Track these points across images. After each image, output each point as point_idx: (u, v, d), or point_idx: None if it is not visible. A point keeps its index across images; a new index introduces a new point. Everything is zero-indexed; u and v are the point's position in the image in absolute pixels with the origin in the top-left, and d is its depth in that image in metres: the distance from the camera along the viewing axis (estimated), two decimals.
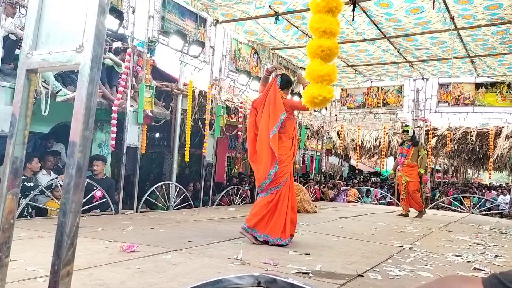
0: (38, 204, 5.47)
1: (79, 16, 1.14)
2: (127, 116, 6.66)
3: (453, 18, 7.44)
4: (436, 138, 13.66)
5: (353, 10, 6.50)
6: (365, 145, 15.19)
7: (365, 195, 13.54)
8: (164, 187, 7.73)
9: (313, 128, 12.66)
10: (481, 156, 14.75)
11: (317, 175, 14.00)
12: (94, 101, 1.11)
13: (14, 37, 5.41)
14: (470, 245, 4.93)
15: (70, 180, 1.08)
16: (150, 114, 7.03)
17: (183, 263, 3.10)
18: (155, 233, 4.48)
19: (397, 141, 13.80)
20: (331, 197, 12.57)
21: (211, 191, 8.79)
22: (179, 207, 7.64)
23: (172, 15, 7.53)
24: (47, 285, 1.07)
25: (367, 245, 4.45)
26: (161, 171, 10.59)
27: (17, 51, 5.53)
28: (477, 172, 24.56)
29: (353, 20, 7.04)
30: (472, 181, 23.93)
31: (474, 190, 17.34)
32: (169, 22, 7.43)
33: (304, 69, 11.32)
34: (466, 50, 9.26)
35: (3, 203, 1.23)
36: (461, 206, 11.71)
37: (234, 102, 9.46)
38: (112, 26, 6.05)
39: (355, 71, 11.63)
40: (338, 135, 14.13)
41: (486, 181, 24.10)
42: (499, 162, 13.79)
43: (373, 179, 18.48)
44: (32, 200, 5.37)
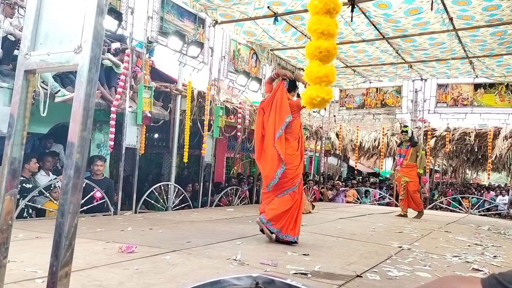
0: (36, 205, 5.46)
1: (78, 17, 1.14)
2: (126, 116, 6.66)
3: (451, 19, 7.46)
4: (434, 138, 13.67)
5: (352, 11, 6.51)
6: (364, 145, 15.20)
7: (364, 195, 13.54)
8: (163, 187, 7.72)
9: (312, 128, 12.66)
10: (480, 157, 14.78)
11: (316, 176, 14.00)
12: (92, 102, 1.11)
13: (12, 38, 5.41)
14: (469, 245, 4.94)
15: (68, 181, 1.08)
16: (149, 114, 7.04)
17: (182, 264, 3.09)
18: (153, 234, 4.47)
19: (396, 142, 13.80)
20: (330, 197, 12.57)
21: (210, 191, 8.79)
22: (178, 207, 7.63)
23: (171, 15, 7.53)
24: (45, 286, 1.07)
25: (365, 245, 4.45)
26: (160, 171, 10.57)
27: (16, 51, 5.53)
28: (475, 173, 24.63)
29: (351, 21, 7.05)
30: (471, 182, 23.95)
31: (472, 190, 17.35)
32: (168, 22, 7.43)
33: (303, 69, 11.33)
34: (465, 50, 9.28)
35: (1, 204, 1.23)
36: (460, 207, 11.72)
37: (233, 103, 9.46)
38: (110, 27, 6.04)
39: (354, 71, 11.65)
40: (337, 135, 14.14)
41: (485, 181, 24.13)
42: (497, 162, 13.81)
43: (372, 179, 18.47)
44: (32, 201, 5.36)
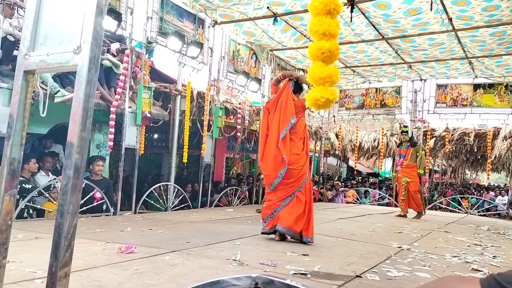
0: (36, 205, 5.46)
1: (77, 17, 1.14)
2: (125, 117, 6.65)
3: (451, 19, 7.46)
4: (434, 139, 13.68)
5: (351, 11, 6.50)
6: (363, 146, 15.20)
7: (363, 196, 13.55)
8: (163, 188, 7.72)
9: (311, 129, 12.66)
10: (479, 157, 14.77)
11: (316, 176, 14.00)
12: (91, 102, 1.11)
13: (12, 38, 5.41)
14: (468, 245, 4.94)
15: (67, 181, 1.08)
16: (149, 115, 7.04)
17: (181, 264, 3.09)
18: (153, 234, 4.47)
19: (396, 142, 13.81)
20: (329, 198, 12.57)
21: (209, 192, 8.79)
22: (177, 208, 7.63)
23: (171, 16, 7.53)
24: (44, 286, 1.07)
25: (365, 246, 4.45)
26: (159, 172, 10.57)
27: (15, 52, 5.53)
28: (475, 173, 24.62)
29: (351, 21, 7.05)
30: (470, 182, 23.95)
31: (472, 191, 17.33)
32: (167, 23, 7.43)
33: (302, 70, 11.33)
34: (464, 51, 9.28)
35: (0, 204, 1.23)
36: (459, 207, 11.73)
37: (232, 103, 9.46)
38: (110, 27, 6.04)
39: (353, 72, 11.65)
40: (337, 136, 14.15)
41: (484, 182, 24.13)
42: (497, 163, 13.81)
43: (371, 180, 18.48)
44: (32, 201, 5.36)
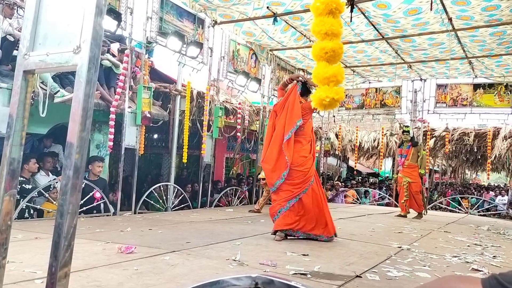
0: (36, 205, 5.46)
1: (77, 17, 1.14)
2: (125, 117, 6.65)
3: (451, 19, 7.46)
4: (434, 139, 13.68)
5: (351, 11, 6.50)
6: (363, 146, 15.20)
7: (363, 196, 13.54)
8: (162, 188, 7.72)
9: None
10: (479, 157, 14.77)
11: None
12: (91, 102, 1.11)
13: (11, 38, 5.41)
14: (468, 245, 4.94)
15: (67, 182, 1.08)
16: (148, 115, 7.03)
17: (181, 264, 3.09)
18: (153, 234, 4.47)
19: (396, 142, 13.81)
20: (329, 198, 12.56)
21: (209, 192, 8.79)
22: (177, 208, 7.63)
23: (170, 16, 7.53)
24: (44, 286, 1.07)
25: (365, 246, 4.45)
26: (159, 172, 10.57)
27: (15, 52, 5.52)
28: (475, 173, 24.62)
29: (351, 21, 7.04)
30: (470, 182, 23.95)
31: (472, 191, 17.34)
32: (167, 23, 7.43)
33: (302, 69, 11.34)
34: (464, 51, 9.28)
35: (0, 204, 1.23)
36: (459, 207, 11.73)
37: (232, 103, 9.46)
38: (110, 27, 6.04)
39: (353, 72, 11.65)
40: (337, 136, 14.14)
41: (484, 182, 24.13)
42: (497, 163, 13.81)
43: (371, 180, 18.48)
44: (32, 202, 5.36)
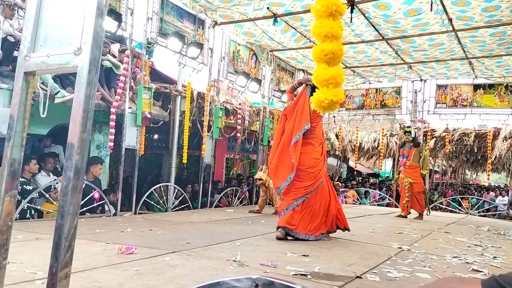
0: (37, 206, 5.46)
1: (77, 18, 1.14)
2: (125, 117, 6.66)
3: (451, 19, 7.46)
4: (434, 139, 13.68)
5: (351, 12, 6.51)
6: (363, 146, 15.21)
7: (363, 196, 13.54)
8: (163, 188, 7.72)
9: None
10: (479, 157, 14.78)
11: None
12: (92, 103, 1.11)
13: (12, 39, 5.41)
14: (469, 246, 4.94)
15: (68, 183, 1.08)
16: (149, 115, 7.04)
17: (182, 265, 3.09)
18: (153, 235, 4.47)
19: (396, 143, 13.81)
20: None
21: (209, 192, 8.79)
22: (177, 208, 7.62)
23: (171, 17, 7.53)
24: (45, 287, 1.07)
25: (365, 246, 4.45)
26: (159, 172, 10.57)
27: (16, 53, 5.53)
28: (475, 173, 24.63)
29: (351, 21, 7.05)
30: (471, 182, 23.95)
31: (472, 191, 17.35)
32: (167, 24, 7.44)
33: (302, 70, 11.34)
34: (464, 51, 9.28)
35: (1, 205, 1.23)
36: (460, 207, 11.72)
37: (232, 104, 9.46)
38: (110, 28, 6.05)
39: (353, 72, 11.64)
40: (337, 136, 14.14)
41: (485, 182, 24.13)
42: (497, 163, 13.81)
43: (371, 180, 18.48)
44: (33, 202, 5.36)
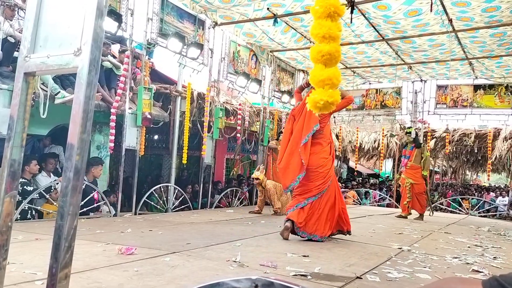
0: (36, 206, 5.46)
1: (77, 19, 1.14)
2: (125, 118, 6.66)
3: (451, 20, 7.46)
4: (434, 140, 13.67)
5: (351, 12, 6.51)
6: (363, 147, 15.20)
7: (363, 197, 13.54)
8: (163, 189, 7.71)
9: None
10: (480, 158, 14.77)
11: None
12: (92, 104, 1.11)
13: (12, 40, 5.41)
14: (469, 247, 4.94)
15: (67, 183, 1.08)
16: (149, 116, 7.04)
17: (182, 265, 3.09)
18: (153, 236, 4.47)
19: (396, 143, 13.81)
20: None
21: (209, 193, 8.79)
22: (177, 209, 7.62)
23: (171, 17, 7.54)
24: None
25: (365, 247, 4.45)
26: (159, 173, 10.57)
27: (16, 53, 5.53)
28: (475, 174, 24.62)
29: (351, 22, 7.05)
30: (471, 183, 23.94)
31: (472, 191, 17.33)
32: (167, 24, 7.44)
33: (302, 71, 11.34)
34: (464, 52, 9.28)
35: (1, 206, 1.23)
36: (460, 208, 11.71)
37: (232, 104, 9.46)
38: (110, 29, 6.05)
39: (354, 73, 11.65)
40: (337, 136, 14.13)
41: (485, 182, 24.12)
42: (497, 163, 13.80)
43: (371, 181, 18.47)
44: (33, 203, 5.36)
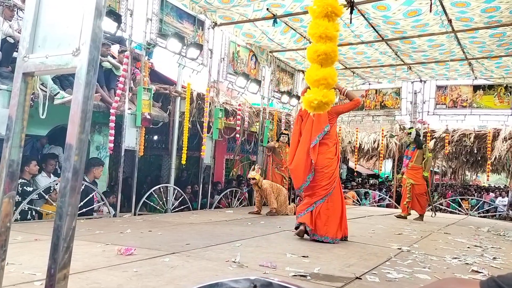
0: (36, 207, 5.46)
1: (76, 19, 1.14)
2: (125, 118, 6.66)
3: (450, 20, 7.47)
4: (434, 140, 13.66)
5: (351, 12, 6.51)
6: (363, 147, 15.18)
7: (363, 197, 13.54)
8: (162, 189, 7.71)
9: None
10: (479, 158, 14.75)
11: None
12: (90, 104, 1.11)
13: (11, 40, 5.41)
14: (468, 247, 4.94)
15: (66, 184, 1.08)
16: (148, 116, 7.03)
17: (181, 266, 3.09)
18: (153, 236, 4.47)
19: (395, 144, 13.81)
20: None
21: (209, 193, 8.78)
22: (177, 209, 7.62)
23: (170, 17, 7.54)
24: None
25: (365, 247, 4.45)
26: (159, 173, 10.57)
27: (15, 53, 5.52)
28: (475, 174, 24.61)
29: (350, 22, 7.05)
30: (470, 183, 23.96)
31: (472, 192, 17.34)
32: (167, 24, 7.44)
33: (302, 71, 11.34)
34: (464, 52, 9.28)
35: None
36: (459, 208, 11.72)
37: (232, 105, 9.46)
38: (110, 29, 6.04)
39: (353, 73, 11.66)
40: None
41: (484, 183, 24.14)
42: (497, 164, 13.78)
43: (371, 181, 18.48)
44: (33, 203, 5.35)
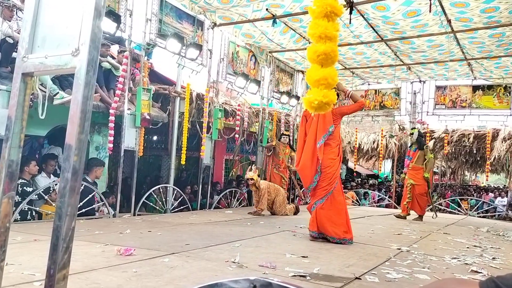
0: (36, 207, 5.45)
1: (75, 19, 1.14)
2: (124, 119, 6.65)
3: (449, 21, 7.47)
4: (433, 140, 13.67)
5: (350, 13, 6.52)
6: (362, 147, 15.20)
7: (363, 197, 13.54)
8: (162, 190, 7.71)
9: None
10: (479, 159, 14.76)
11: None
12: (90, 105, 1.11)
13: (11, 40, 5.40)
14: (468, 247, 4.94)
15: (65, 184, 1.08)
16: (148, 117, 7.03)
17: (181, 266, 3.09)
18: (152, 236, 4.47)
19: (395, 144, 13.82)
20: None
21: (208, 194, 8.78)
22: (176, 210, 7.61)
23: (170, 18, 7.54)
24: None
25: (364, 247, 4.45)
26: (158, 174, 10.56)
27: (14, 54, 5.52)
28: (474, 175, 24.59)
29: (350, 23, 7.05)
30: (470, 184, 23.96)
31: (471, 192, 17.34)
32: (166, 25, 7.44)
33: (301, 71, 11.34)
34: (463, 52, 9.29)
35: None
36: (459, 209, 11.72)
37: (231, 105, 9.46)
38: (109, 29, 6.04)
39: (353, 73, 11.66)
40: None
41: (484, 183, 24.14)
42: (496, 164, 13.80)
43: (370, 181, 18.47)
44: (33, 204, 5.35)
